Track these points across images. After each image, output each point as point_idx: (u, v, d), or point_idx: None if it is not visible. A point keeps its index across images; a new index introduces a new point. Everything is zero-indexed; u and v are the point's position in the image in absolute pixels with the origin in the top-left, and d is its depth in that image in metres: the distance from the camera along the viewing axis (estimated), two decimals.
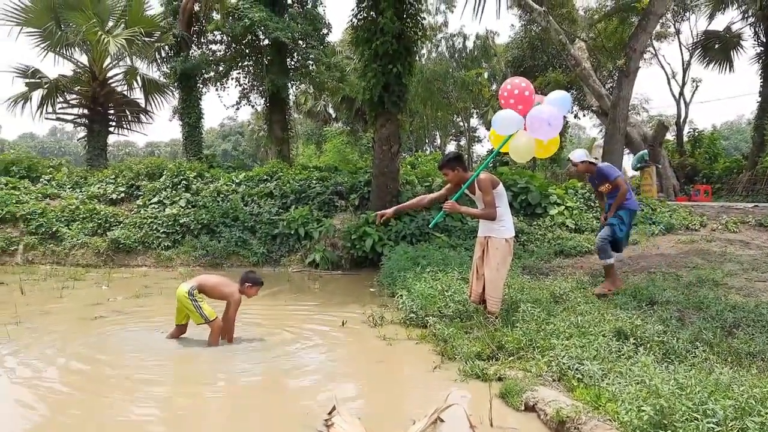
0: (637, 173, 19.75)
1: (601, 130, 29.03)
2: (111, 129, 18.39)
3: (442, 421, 3.38)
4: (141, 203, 13.53)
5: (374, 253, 10.94)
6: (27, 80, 16.78)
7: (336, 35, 39.34)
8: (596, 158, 7.51)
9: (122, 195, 13.99)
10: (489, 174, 5.35)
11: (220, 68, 21.40)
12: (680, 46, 26.22)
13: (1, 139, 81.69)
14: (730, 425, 2.72)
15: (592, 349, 4.13)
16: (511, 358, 4.49)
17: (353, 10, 11.75)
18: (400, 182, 12.47)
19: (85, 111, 17.65)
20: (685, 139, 24.99)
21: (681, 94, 26.16)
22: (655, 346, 4.30)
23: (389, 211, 5.63)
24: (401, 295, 6.69)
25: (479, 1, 11.41)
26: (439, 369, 4.56)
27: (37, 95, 16.99)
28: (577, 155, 7.08)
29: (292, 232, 12.10)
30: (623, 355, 4.09)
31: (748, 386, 3.06)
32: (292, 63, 20.80)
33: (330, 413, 3.51)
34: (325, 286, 9.70)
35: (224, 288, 5.43)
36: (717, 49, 22.23)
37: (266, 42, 20.01)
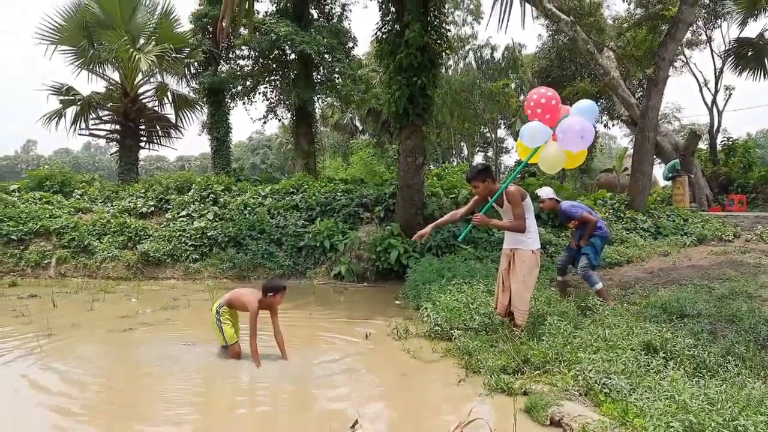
0: (669, 183, 19.42)
1: (631, 140, 28.62)
2: (142, 144, 18.71)
3: None
4: (170, 217, 13.69)
5: (399, 266, 10.91)
6: (61, 97, 17.20)
7: (362, 48, 39.62)
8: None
9: (152, 209, 14.18)
10: (517, 186, 5.33)
11: (248, 83, 21.78)
12: (712, 53, 25.75)
13: (38, 155, 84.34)
14: None
15: (620, 363, 4.05)
16: (537, 371, 4.43)
17: (378, 23, 11.82)
18: (426, 194, 12.42)
19: (117, 126, 17.98)
20: (719, 148, 24.45)
21: (713, 102, 25.64)
22: (686, 360, 4.20)
23: (427, 229, 5.62)
24: (426, 308, 6.65)
25: (503, 11, 11.35)
26: (464, 382, 4.52)
27: (71, 112, 17.38)
28: (544, 192, 7.40)
29: (318, 245, 12.13)
30: (652, 369, 4.00)
31: None
32: (318, 77, 21.04)
33: (352, 426, 3.51)
34: (350, 299, 9.69)
35: (245, 297, 5.38)
36: (750, 56, 21.74)
37: (292, 56, 20.35)
